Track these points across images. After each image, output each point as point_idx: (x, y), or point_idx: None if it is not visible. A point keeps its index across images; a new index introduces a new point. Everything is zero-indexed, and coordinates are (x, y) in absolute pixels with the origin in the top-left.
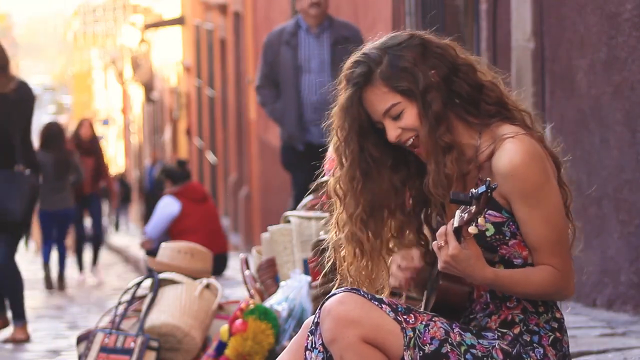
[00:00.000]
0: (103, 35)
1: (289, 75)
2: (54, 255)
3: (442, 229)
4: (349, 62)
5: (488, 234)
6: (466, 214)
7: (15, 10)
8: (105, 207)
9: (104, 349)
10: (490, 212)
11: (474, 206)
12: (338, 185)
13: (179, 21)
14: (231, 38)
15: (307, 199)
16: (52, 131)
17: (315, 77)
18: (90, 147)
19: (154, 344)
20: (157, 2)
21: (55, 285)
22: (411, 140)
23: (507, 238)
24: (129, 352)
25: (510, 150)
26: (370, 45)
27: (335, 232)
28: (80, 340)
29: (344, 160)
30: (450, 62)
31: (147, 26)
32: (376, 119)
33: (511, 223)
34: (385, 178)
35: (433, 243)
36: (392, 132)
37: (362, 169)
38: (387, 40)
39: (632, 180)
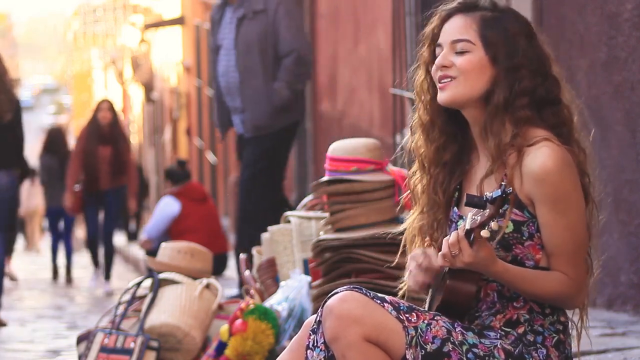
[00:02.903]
0: (103, 35)
1: (212, 57)
2: (61, 251)
3: (453, 236)
4: None
5: (507, 231)
6: (479, 217)
7: (15, 10)
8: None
9: (104, 349)
10: (513, 209)
11: (488, 210)
12: (415, 90)
13: (179, 21)
14: None
15: (307, 199)
16: (54, 136)
17: (227, 59)
18: (110, 133)
19: (154, 344)
20: (157, 2)
21: (60, 277)
22: (448, 80)
23: (524, 238)
24: (129, 352)
25: (545, 155)
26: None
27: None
28: (80, 340)
29: (422, 66)
30: (544, 66)
31: (147, 26)
32: (442, 40)
33: (531, 224)
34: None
35: (442, 249)
36: (444, 59)
37: (430, 80)
38: (509, 8)
39: (632, 180)
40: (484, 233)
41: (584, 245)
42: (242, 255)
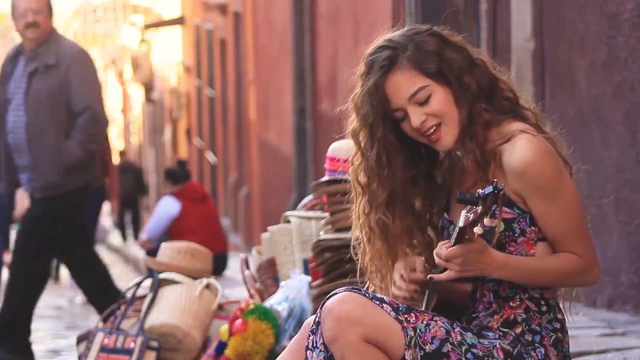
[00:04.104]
0: (103, 35)
1: (1, 111)
2: None
3: (440, 252)
4: (371, 48)
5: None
6: (472, 215)
7: None
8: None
9: (104, 349)
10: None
11: (480, 207)
12: (362, 174)
13: (179, 21)
14: (231, 38)
15: (307, 199)
16: None
17: (15, 114)
18: None
19: (154, 344)
20: (157, 2)
21: (63, 278)
22: (433, 129)
23: (516, 235)
24: (129, 352)
25: (521, 148)
26: (390, 34)
27: (359, 226)
28: (80, 340)
29: (369, 146)
30: (468, 56)
31: (147, 26)
32: (398, 105)
33: (521, 220)
34: (399, 169)
35: (435, 255)
36: (417, 117)
37: (387, 155)
38: (408, 30)
39: (632, 180)
40: (477, 230)
41: (584, 223)
42: (243, 255)
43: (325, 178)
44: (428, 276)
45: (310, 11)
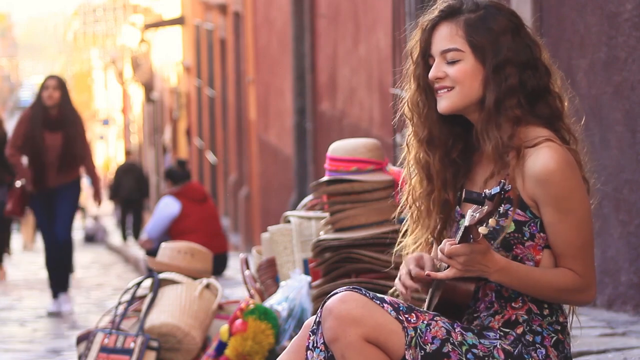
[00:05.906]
0: (103, 35)
1: None
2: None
3: (444, 248)
4: None
5: (508, 230)
6: (478, 214)
7: (15, 10)
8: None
9: (104, 349)
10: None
11: (486, 207)
12: (407, 106)
13: (179, 21)
14: (231, 38)
15: (307, 199)
16: None
17: None
18: (58, 117)
19: (154, 344)
20: (157, 2)
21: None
22: (445, 90)
23: (525, 238)
24: (129, 352)
25: (546, 156)
26: None
27: (407, 154)
28: (80, 340)
29: (412, 81)
30: (533, 56)
31: (147, 26)
32: (433, 51)
33: (532, 224)
34: (436, 110)
35: (439, 251)
36: (435, 71)
37: (420, 92)
38: (490, 2)
39: (632, 180)
40: (482, 230)
41: (591, 242)
42: (242, 255)
43: (325, 178)
44: (426, 272)
45: (310, 11)
